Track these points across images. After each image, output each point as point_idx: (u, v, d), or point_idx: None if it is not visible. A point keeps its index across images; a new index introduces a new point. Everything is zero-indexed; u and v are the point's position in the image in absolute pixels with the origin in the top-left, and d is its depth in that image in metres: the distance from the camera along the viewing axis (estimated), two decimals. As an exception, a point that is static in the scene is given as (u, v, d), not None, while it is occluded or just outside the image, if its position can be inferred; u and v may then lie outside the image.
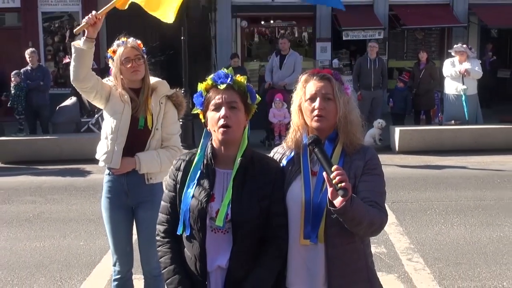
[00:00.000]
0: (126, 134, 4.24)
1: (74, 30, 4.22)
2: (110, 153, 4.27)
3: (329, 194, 2.59)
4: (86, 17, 4.03)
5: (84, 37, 4.07)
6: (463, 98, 12.82)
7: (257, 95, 2.96)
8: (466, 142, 12.66)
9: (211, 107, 2.84)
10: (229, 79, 2.84)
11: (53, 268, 6.38)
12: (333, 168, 2.58)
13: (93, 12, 4.05)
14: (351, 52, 19.54)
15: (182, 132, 4.74)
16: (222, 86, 2.82)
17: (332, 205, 2.59)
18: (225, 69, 2.90)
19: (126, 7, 4.30)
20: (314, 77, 2.91)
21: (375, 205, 2.75)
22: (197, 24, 16.69)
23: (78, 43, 4.08)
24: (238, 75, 2.90)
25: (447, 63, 13.14)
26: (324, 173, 2.63)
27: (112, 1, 4.12)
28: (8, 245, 7.19)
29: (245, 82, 2.90)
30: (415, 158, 12.01)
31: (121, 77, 4.25)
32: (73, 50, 4.10)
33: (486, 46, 19.83)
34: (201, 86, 2.90)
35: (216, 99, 2.82)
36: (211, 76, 2.88)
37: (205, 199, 2.81)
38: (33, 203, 9.12)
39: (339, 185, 2.53)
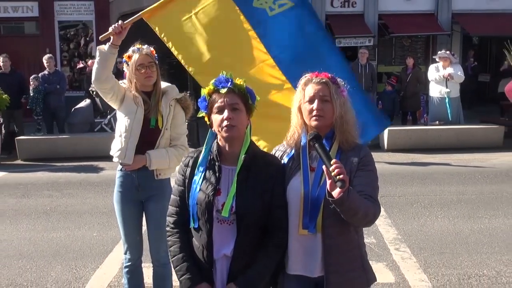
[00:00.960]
0: (139, 133, 4.24)
1: (100, 37, 4.21)
2: (124, 150, 4.27)
3: (328, 186, 2.61)
4: (113, 26, 4.05)
5: (109, 43, 4.08)
6: (447, 100, 12.85)
7: (256, 96, 2.96)
8: (449, 141, 12.68)
9: (214, 110, 2.85)
10: (230, 83, 2.84)
11: (68, 257, 6.38)
12: (332, 162, 2.60)
13: (120, 22, 4.07)
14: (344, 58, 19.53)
15: (188, 133, 4.74)
16: (224, 90, 2.83)
17: (331, 196, 2.60)
18: (225, 73, 2.90)
19: (151, 22, 4.32)
20: (313, 81, 2.92)
21: (369, 198, 2.76)
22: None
23: (104, 47, 4.09)
24: (238, 78, 2.91)
25: (431, 68, 13.15)
26: (324, 166, 2.64)
27: (139, 13, 4.13)
28: (27, 235, 7.19)
29: (244, 85, 2.90)
30: (402, 156, 12.01)
31: (135, 80, 4.26)
32: (97, 54, 4.11)
33: (468, 53, 19.85)
34: (204, 91, 2.91)
35: (219, 102, 2.83)
36: (213, 81, 2.89)
37: (212, 193, 2.82)
38: (50, 197, 9.12)
39: (337, 177, 2.54)
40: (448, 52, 13.33)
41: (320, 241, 2.82)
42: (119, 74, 4.70)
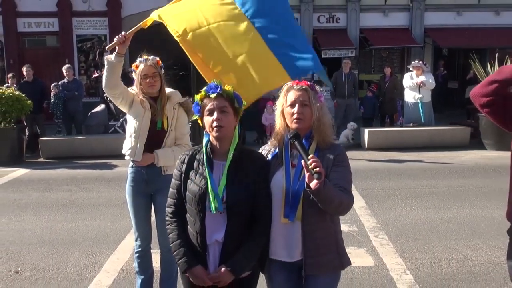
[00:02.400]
0: (147, 133, 4.24)
1: (107, 47, 4.18)
2: (134, 148, 4.27)
3: (306, 178, 2.63)
4: (117, 36, 4.00)
5: (115, 53, 4.05)
6: (420, 105, 12.85)
7: (243, 100, 2.97)
8: (422, 141, 12.69)
9: (205, 112, 2.87)
10: (218, 89, 2.86)
11: (85, 244, 6.37)
12: (309, 157, 2.63)
13: (123, 32, 4.03)
14: (329, 68, 19.54)
15: (191, 132, 4.73)
16: (213, 95, 2.85)
17: (309, 187, 2.62)
18: (215, 81, 2.92)
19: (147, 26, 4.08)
20: (294, 88, 2.93)
21: (344, 190, 2.77)
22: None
23: (110, 57, 4.06)
24: (226, 85, 2.93)
25: (406, 76, 13.16)
26: (302, 161, 2.67)
27: (139, 24, 4.09)
28: (48, 225, 7.17)
29: (233, 90, 2.91)
30: (380, 154, 12.02)
31: (141, 87, 4.25)
32: (105, 63, 4.09)
33: (438, 63, 19.88)
34: (197, 97, 2.93)
35: (209, 105, 2.85)
36: (205, 88, 2.91)
37: (205, 186, 2.83)
38: (69, 191, 9.10)
39: (314, 170, 2.57)
40: (420, 62, 13.37)
41: (299, 229, 2.83)
42: (130, 81, 4.67)
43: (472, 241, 6.23)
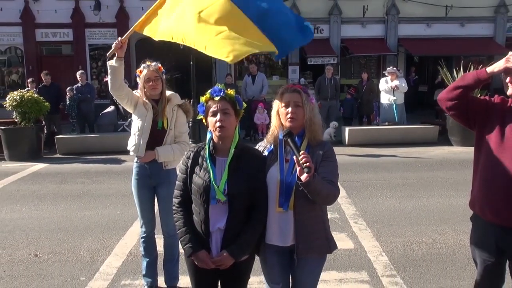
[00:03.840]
0: (149, 132, 4.20)
1: (107, 54, 4.13)
2: (138, 145, 4.24)
3: (297, 172, 2.62)
4: (114, 43, 3.96)
5: (115, 57, 4.01)
6: (394, 106, 12.89)
7: (243, 102, 2.95)
8: (396, 138, 12.72)
9: (210, 113, 2.84)
10: (222, 92, 2.83)
11: (97, 230, 6.34)
12: (300, 153, 2.62)
13: (119, 38, 3.98)
14: (314, 73, 19.59)
15: (191, 131, 4.71)
16: (217, 98, 2.82)
17: (300, 179, 2.61)
18: (219, 85, 2.89)
19: (145, 32, 3.84)
20: (288, 90, 2.91)
21: (331, 182, 2.76)
22: (202, 52, 16.57)
23: (112, 62, 4.02)
24: (229, 88, 2.90)
25: (382, 80, 13.19)
26: (294, 157, 2.66)
27: (131, 28, 4.00)
28: (64, 214, 7.13)
29: (234, 94, 2.89)
30: (359, 149, 12.04)
31: (145, 90, 4.23)
32: (108, 68, 4.05)
33: (410, 69, 19.90)
34: (202, 98, 2.90)
35: (213, 107, 2.82)
36: (209, 90, 2.87)
37: (209, 179, 2.80)
38: (82, 183, 9.05)
39: (305, 164, 2.56)
40: (395, 68, 13.41)
41: (292, 217, 2.82)
42: (136, 85, 4.63)
43: (440, 226, 6.26)
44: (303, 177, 2.59)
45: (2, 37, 19.18)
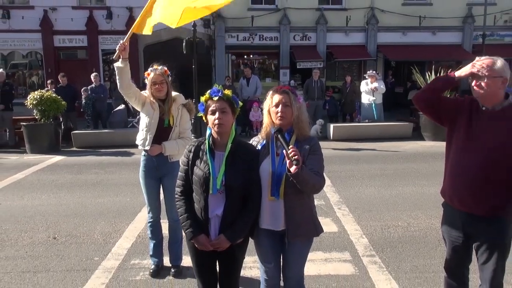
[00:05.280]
0: (155, 128, 4.18)
1: (113, 57, 4.07)
2: (145, 140, 4.21)
3: (287, 165, 2.61)
4: (118, 45, 3.89)
5: (120, 59, 3.94)
6: (373, 105, 12.90)
7: (239, 102, 2.93)
8: (375, 133, 12.75)
9: (209, 112, 2.82)
10: (220, 92, 2.81)
11: (109, 216, 6.32)
12: (290, 147, 2.62)
13: (121, 41, 3.92)
14: (302, 76, 19.58)
15: (193, 127, 4.67)
16: (216, 98, 2.80)
17: (289, 171, 2.60)
18: (217, 86, 2.87)
19: (143, 32, 3.81)
20: (278, 92, 2.89)
21: (317, 173, 2.75)
22: (203, 57, 16.60)
23: (118, 63, 3.95)
24: (227, 89, 2.88)
25: (363, 83, 13.18)
26: (284, 151, 2.65)
27: (130, 30, 3.95)
28: (80, 201, 7.10)
29: (231, 94, 2.87)
30: (343, 144, 12.05)
31: (151, 91, 4.19)
32: (115, 69, 3.99)
33: (388, 72, 19.94)
34: (202, 98, 2.87)
35: (212, 106, 2.80)
36: (209, 91, 2.85)
37: (208, 171, 2.79)
38: (96, 174, 9.01)
39: (294, 157, 2.55)
40: (374, 72, 13.38)
41: (282, 205, 2.80)
42: (144, 86, 4.59)
43: (414, 211, 6.27)
44: (293, 169, 2.57)
45: (23, 43, 19.05)
